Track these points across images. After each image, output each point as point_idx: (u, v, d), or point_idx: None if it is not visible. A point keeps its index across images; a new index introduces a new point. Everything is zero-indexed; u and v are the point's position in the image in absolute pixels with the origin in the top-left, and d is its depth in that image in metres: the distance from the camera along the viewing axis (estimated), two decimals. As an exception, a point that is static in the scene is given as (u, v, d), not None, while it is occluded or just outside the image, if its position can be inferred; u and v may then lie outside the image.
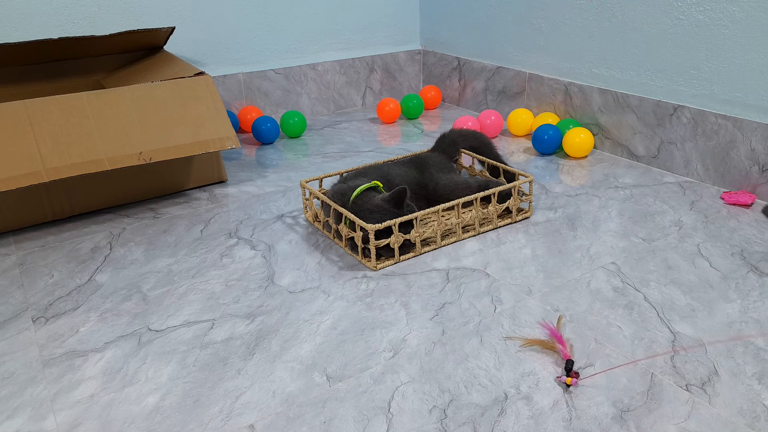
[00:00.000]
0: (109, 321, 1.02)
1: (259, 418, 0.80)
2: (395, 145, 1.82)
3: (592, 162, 1.64)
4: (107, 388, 0.86)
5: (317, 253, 1.21)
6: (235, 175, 1.63)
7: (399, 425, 0.78)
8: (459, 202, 1.22)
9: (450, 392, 0.83)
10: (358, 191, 1.19)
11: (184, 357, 0.92)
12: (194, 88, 1.40)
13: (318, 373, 0.88)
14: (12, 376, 0.89)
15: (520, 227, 1.29)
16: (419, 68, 2.34)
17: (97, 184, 1.39)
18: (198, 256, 1.21)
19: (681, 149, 1.51)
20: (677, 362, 0.87)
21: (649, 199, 1.40)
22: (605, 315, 0.99)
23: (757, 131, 1.34)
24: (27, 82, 1.61)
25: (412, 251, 1.19)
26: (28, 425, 0.80)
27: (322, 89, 2.14)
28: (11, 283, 1.14)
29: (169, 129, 1.34)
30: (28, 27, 1.61)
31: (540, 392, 0.83)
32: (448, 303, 1.03)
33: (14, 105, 1.23)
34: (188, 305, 1.05)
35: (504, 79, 1.99)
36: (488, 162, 1.43)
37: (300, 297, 1.07)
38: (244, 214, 1.39)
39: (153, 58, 1.67)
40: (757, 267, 1.10)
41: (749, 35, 1.33)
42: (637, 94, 1.59)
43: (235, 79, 1.95)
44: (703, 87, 1.44)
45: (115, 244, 1.27)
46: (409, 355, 0.91)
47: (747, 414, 0.78)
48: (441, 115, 2.12)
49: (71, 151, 1.25)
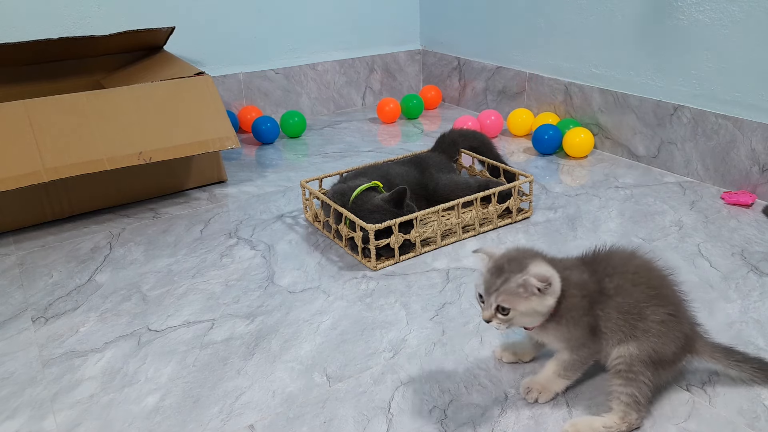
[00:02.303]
0: (109, 321, 1.02)
1: (259, 418, 0.80)
2: (395, 145, 1.82)
3: (592, 162, 1.64)
4: (107, 388, 0.86)
5: (317, 253, 1.21)
6: (235, 175, 1.63)
7: (399, 425, 0.78)
8: (459, 202, 1.21)
9: (450, 392, 0.83)
10: (358, 191, 1.19)
11: (184, 357, 0.92)
12: (194, 88, 1.40)
13: (318, 373, 0.88)
14: (12, 376, 0.89)
15: (520, 227, 1.29)
16: (419, 68, 2.34)
17: (97, 184, 1.39)
18: (198, 256, 1.21)
19: (681, 149, 1.51)
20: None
21: (650, 199, 1.40)
22: (605, 315, 0.99)
23: (757, 131, 1.34)
24: (27, 82, 1.61)
25: (412, 251, 1.19)
26: (28, 425, 0.80)
27: (322, 89, 2.14)
28: (11, 283, 1.14)
29: (169, 129, 1.34)
30: (28, 27, 1.61)
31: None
32: (448, 303, 1.03)
33: (14, 105, 1.23)
34: (188, 305, 1.05)
35: (504, 79, 1.99)
36: (488, 162, 1.43)
37: (300, 297, 1.07)
38: (244, 214, 1.39)
39: (153, 58, 1.67)
40: (757, 267, 1.10)
41: (749, 35, 1.33)
42: (637, 94, 1.59)
43: (235, 79, 1.95)
44: (703, 87, 1.44)
45: (115, 244, 1.27)
46: (409, 355, 0.91)
47: (747, 414, 0.78)
48: (441, 115, 2.12)
49: (71, 151, 1.25)
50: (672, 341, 0.76)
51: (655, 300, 0.76)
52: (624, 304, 0.75)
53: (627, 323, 0.75)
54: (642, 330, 0.75)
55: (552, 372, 0.80)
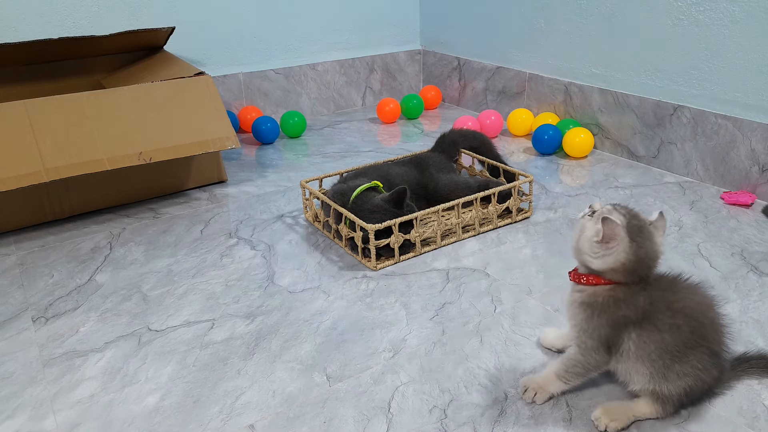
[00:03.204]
0: (109, 321, 1.02)
1: (259, 418, 0.80)
2: (395, 145, 1.82)
3: (592, 162, 1.64)
4: (107, 388, 0.86)
5: (317, 253, 1.21)
6: (235, 175, 1.63)
7: (399, 425, 0.78)
8: (459, 202, 1.22)
9: (450, 392, 0.83)
10: (358, 191, 1.19)
11: (184, 357, 0.92)
12: (194, 88, 1.40)
13: (318, 373, 0.88)
14: (12, 376, 0.89)
15: (520, 227, 1.29)
16: (419, 68, 2.34)
17: (97, 184, 1.39)
18: (198, 256, 1.21)
19: (681, 149, 1.51)
20: (677, 362, 0.87)
21: (649, 199, 1.40)
22: (605, 315, 0.99)
23: (757, 131, 1.34)
24: (27, 82, 1.61)
25: (412, 251, 1.19)
26: (28, 425, 0.80)
27: (322, 89, 2.14)
28: (11, 283, 1.14)
29: (169, 129, 1.34)
30: (28, 27, 1.61)
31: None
32: (448, 303, 1.03)
33: (14, 105, 1.23)
34: (188, 305, 1.05)
35: (504, 79, 1.99)
36: (488, 162, 1.43)
37: (300, 297, 1.07)
38: (244, 214, 1.39)
39: (153, 58, 1.67)
40: (757, 267, 1.10)
41: (749, 35, 1.33)
42: (637, 94, 1.59)
43: (235, 79, 1.95)
44: (703, 87, 1.44)
45: (115, 244, 1.27)
46: (409, 355, 0.91)
47: (747, 414, 0.78)
48: (441, 115, 2.12)
49: (71, 151, 1.25)
50: (707, 383, 0.75)
51: (702, 341, 0.73)
52: (671, 344, 0.72)
53: (662, 362, 0.73)
54: (677, 372, 0.73)
55: (552, 372, 0.80)
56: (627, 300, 0.73)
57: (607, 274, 0.74)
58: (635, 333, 0.73)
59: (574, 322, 0.77)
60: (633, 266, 0.73)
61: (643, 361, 0.74)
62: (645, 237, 0.73)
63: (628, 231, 0.72)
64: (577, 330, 0.77)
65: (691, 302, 0.74)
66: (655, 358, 0.73)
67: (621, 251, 0.72)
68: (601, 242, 0.72)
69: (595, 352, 0.75)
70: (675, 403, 0.75)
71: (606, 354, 0.76)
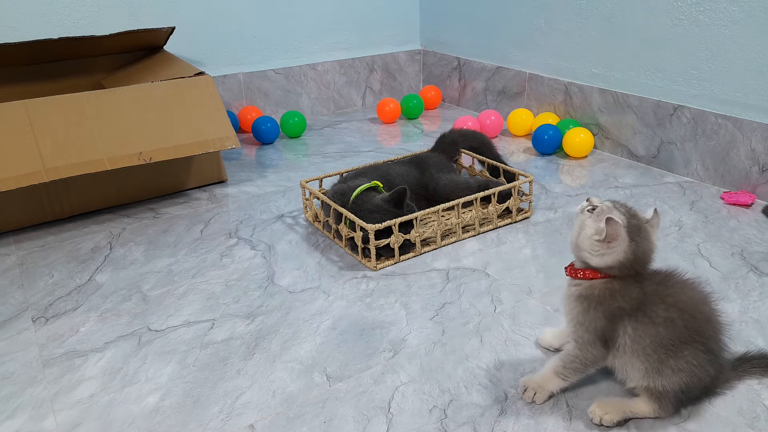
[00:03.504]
0: (109, 321, 1.02)
1: (259, 418, 0.80)
2: (395, 145, 1.82)
3: (592, 162, 1.64)
4: (107, 388, 0.86)
5: (317, 253, 1.21)
6: (235, 175, 1.63)
7: (399, 425, 0.78)
8: (459, 202, 1.22)
9: (450, 392, 0.83)
10: (358, 191, 1.19)
11: (184, 357, 0.92)
12: (194, 88, 1.40)
13: (318, 373, 0.88)
14: (12, 376, 0.89)
15: (520, 227, 1.29)
16: (419, 68, 2.34)
17: (97, 184, 1.39)
18: (198, 256, 1.21)
19: (681, 149, 1.51)
20: (677, 362, 0.87)
21: (649, 199, 1.40)
22: (605, 315, 0.99)
23: (757, 131, 1.34)
24: (27, 82, 1.61)
25: (412, 251, 1.19)
26: (28, 425, 0.80)
27: (322, 89, 2.14)
28: (11, 283, 1.14)
29: (169, 129, 1.34)
30: (28, 27, 1.61)
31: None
32: (448, 303, 1.03)
33: (14, 105, 1.23)
34: (188, 305, 1.05)
35: (504, 79, 1.99)
36: (488, 162, 1.43)
37: (300, 297, 1.07)
38: (244, 214, 1.39)
39: (153, 58, 1.67)
40: (757, 267, 1.10)
41: (749, 35, 1.33)
42: (637, 94, 1.59)
43: (235, 79, 1.95)
44: (703, 87, 1.44)
45: (115, 244, 1.27)
46: (409, 355, 0.91)
47: (747, 414, 0.78)
48: (441, 115, 2.12)
49: (71, 151, 1.25)
50: (703, 380, 0.75)
51: (697, 337, 0.73)
52: (665, 338, 0.72)
53: (657, 356, 0.73)
54: (671, 367, 0.73)
55: (551, 369, 0.80)
56: (622, 291, 0.74)
57: (603, 270, 0.75)
58: (631, 326, 0.74)
59: (570, 316, 0.78)
60: (630, 264, 0.74)
61: (638, 356, 0.74)
62: (643, 236, 0.74)
63: (628, 230, 0.73)
64: (574, 324, 0.77)
65: (684, 296, 0.75)
66: (650, 352, 0.73)
67: (621, 251, 0.73)
68: (603, 241, 0.73)
69: (592, 346, 0.76)
70: (672, 401, 0.75)
71: (603, 348, 0.76)
